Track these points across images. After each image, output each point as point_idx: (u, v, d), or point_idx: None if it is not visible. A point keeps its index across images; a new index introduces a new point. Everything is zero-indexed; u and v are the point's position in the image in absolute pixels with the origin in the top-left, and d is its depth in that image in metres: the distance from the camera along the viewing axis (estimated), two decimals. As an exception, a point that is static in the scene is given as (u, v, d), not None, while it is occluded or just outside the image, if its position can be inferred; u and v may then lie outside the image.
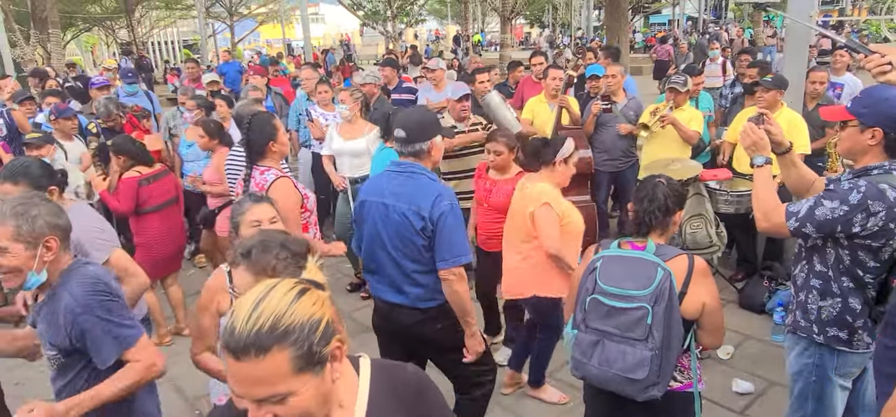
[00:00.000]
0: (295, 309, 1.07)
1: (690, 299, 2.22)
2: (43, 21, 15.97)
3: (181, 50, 33.80)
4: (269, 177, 3.15)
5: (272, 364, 1.03)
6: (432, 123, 2.75)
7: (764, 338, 4.37)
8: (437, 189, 2.63)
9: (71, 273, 2.05)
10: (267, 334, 1.03)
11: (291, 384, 1.06)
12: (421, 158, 2.68)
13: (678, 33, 26.63)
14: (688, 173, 4.59)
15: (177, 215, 4.60)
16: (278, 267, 1.68)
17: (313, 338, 1.08)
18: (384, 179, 2.75)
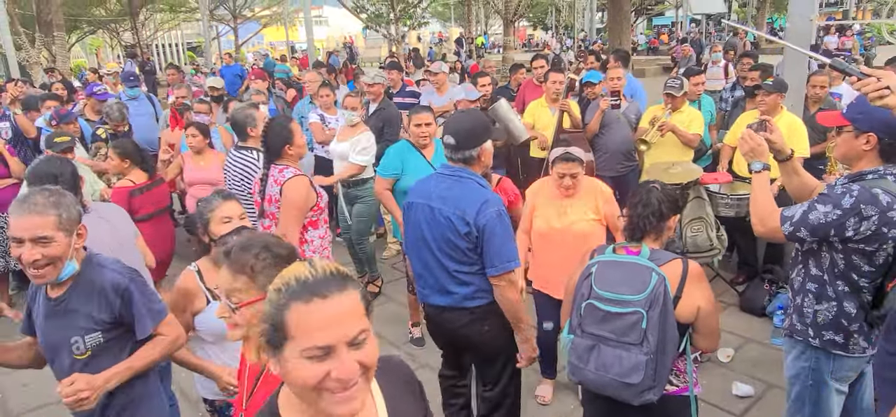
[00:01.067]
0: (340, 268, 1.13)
1: (685, 303, 2.24)
2: (48, 24, 16.08)
3: (185, 52, 33.92)
4: (287, 173, 3.29)
5: (352, 298, 1.07)
6: (483, 129, 2.71)
7: (764, 341, 4.38)
8: (484, 195, 2.61)
9: (92, 260, 2.19)
10: (338, 273, 1.09)
11: (365, 322, 1.08)
12: (471, 164, 2.68)
13: (681, 33, 26.63)
14: (688, 177, 4.61)
15: (167, 223, 4.61)
16: (257, 266, 1.66)
17: (364, 291, 1.12)
18: (432, 182, 2.77)
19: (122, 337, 2.24)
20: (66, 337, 2.15)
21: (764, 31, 24.55)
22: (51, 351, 2.24)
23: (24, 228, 1.99)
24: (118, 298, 2.16)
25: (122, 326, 2.21)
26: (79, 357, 2.17)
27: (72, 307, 2.15)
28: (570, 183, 3.27)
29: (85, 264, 2.17)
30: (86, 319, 2.15)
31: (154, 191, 4.43)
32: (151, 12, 27.78)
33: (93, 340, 2.16)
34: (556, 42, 25.31)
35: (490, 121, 2.92)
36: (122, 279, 2.18)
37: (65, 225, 2.04)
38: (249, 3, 30.18)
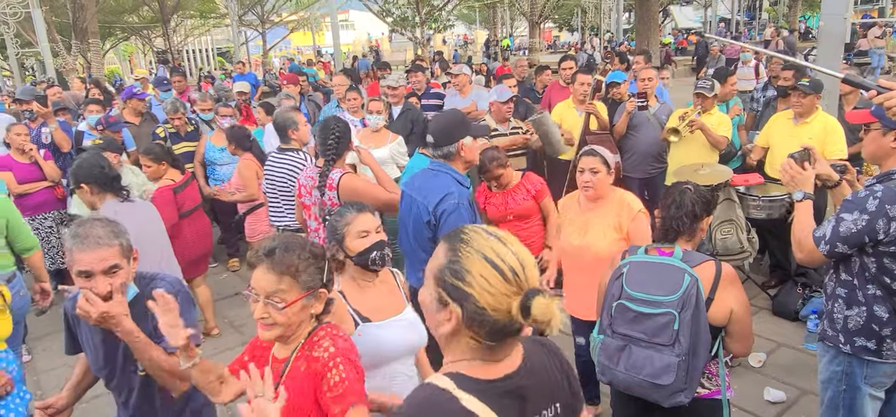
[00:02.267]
0: (473, 255, 1.24)
1: (718, 305, 2.22)
2: (83, 31, 16.55)
3: (215, 57, 34.54)
4: (335, 175, 3.38)
5: (440, 251, 1.28)
6: (458, 126, 2.91)
7: (797, 346, 4.30)
8: (448, 187, 2.82)
9: (145, 279, 2.23)
10: (456, 234, 1.28)
11: (429, 280, 1.30)
12: (451, 160, 2.91)
13: (710, 34, 26.19)
14: (717, 178, 4.54)
15: (204, 219, 4.76)
16: (300, 266, 1.72)
17: (448, 275, 1.25)
18: (419, 175, 3.03)
19: None
20: (132, 358, 2.18)
21: (797, 30, 24.03)
22: (112, 370, 2.26)
23: (94, 262, 2.00)
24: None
25: None
26: (144, 374, 2.21)
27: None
28: (589, 179, 3.04)
29: (138, 283, 2.20)
30: (149, 336, 2.17)
31: (190, 187, 4.60)
32: (182, 18, 28.36)
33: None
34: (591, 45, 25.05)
35: (466, 119, 3.03)
36: (173, 288, 2.20)
37: (126, 252, 2.08)
38: (277, 8, 30.58)
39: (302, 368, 1.79)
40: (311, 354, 1.77)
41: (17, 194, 5.28)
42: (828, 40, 5.25)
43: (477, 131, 3.03)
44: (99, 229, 2.04)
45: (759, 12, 36.47)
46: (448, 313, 1.23)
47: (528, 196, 3.86)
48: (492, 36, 28.41)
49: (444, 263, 1.24)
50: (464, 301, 1.21)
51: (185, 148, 6.07)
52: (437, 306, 1.25)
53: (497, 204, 3.92)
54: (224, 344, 4.81)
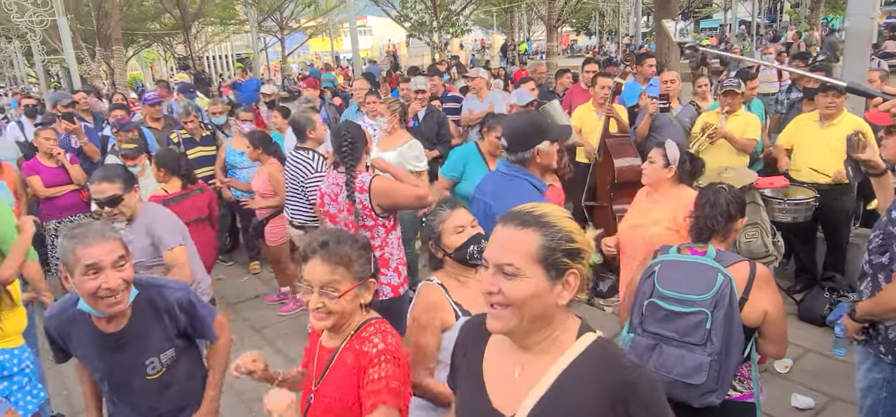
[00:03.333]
0: (563, 219, 1.33)
1: (751, 306, 2.19)
2: (107, 38, 16.83)
3: (235, 63, 34.91)
4: (365, 179, 3.34)
5: (524, 238, 1.29)
6: (536, 131, 2.72)
7: (824, 352, 4.22)
8: (528, 195, 2.63)
9: (147, 286, 2.24)
10: (535, 216, 1.31)
11: (527, 265, 1.27)
12: (526, 165, 2.73)
13: (730, 38, 25.93)
14: (742, 181, 4.47)
15: (206, 232, 4.61)
16: (353, 256, 1.79)
17: (562, 244, 1.29)
18: (493, 179, 2.90)
19: (186, 346, 2.34)
20: (139, 362, 2.20)
21: (818, 32, 23.70)
22: (116, 378, 2.25)
23: (103, 253, 1.98)
24: (184, 313, 2.25)
25: (185, 336, 2.32)
26: (154, 376, 2.23)
27: (139, 332, 2.18)
28: (646, 167, 3.26)
29: (141, 289, 2.19)
30: (159, 339, 2.21)
31: (193, 199, 4.47)
32: (203, 25, 28.71)
33: (167, 357, 2.25)
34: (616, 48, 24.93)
35: (545, 123, 2.87)
36: (183, 294, 2.27)
37: (126, 248, 2.10)
38: (296, 14, 30.84)
39: (349, 360, 1.82)
40: (361, 349, 1.80)
41: (45, 197, 5.38)
42: (854, 41, 5.16)
43: (557, 134, 2.86)
44: (97, 224, 2.06)
45: (780, 15, 36.01)
46: (567, 280, 1.29)
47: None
48: (509, 40, 28.35)
49: (546, 238, 1.28)
50: (579, 258, 1.30)
51: (201, 152, 6.12)
52: (550, 283, 1.28)
53: None
54: (244, 347, 4.80)
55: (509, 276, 1.27)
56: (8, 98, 18.55)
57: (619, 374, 1.29)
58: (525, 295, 1.27)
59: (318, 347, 1.92)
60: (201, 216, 4.57)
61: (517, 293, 1.27)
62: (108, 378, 2.25)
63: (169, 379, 2.27)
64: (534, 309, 1.29)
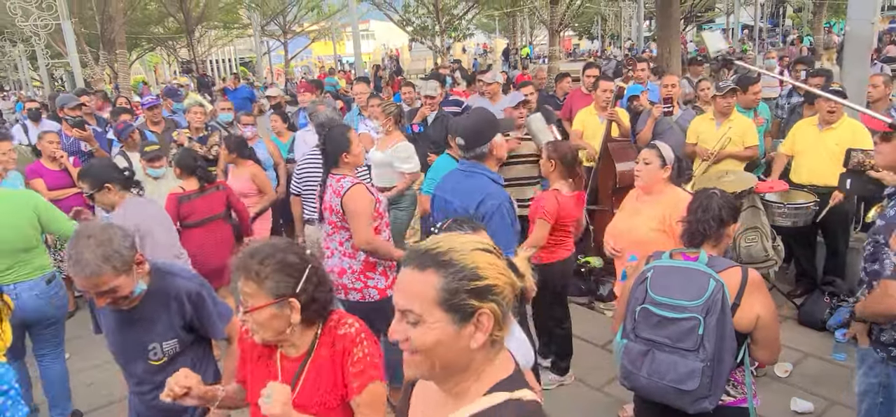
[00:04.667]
0: (470, 254, 1.17)
1: (744, 311, 2.19)
2: (111, 43, 16.87)
3: (238, 67, 35.05)
4: (345, 183, 3.33)
5: (423, 282, 1.15)
6: (489, 126, 2.85)
7: (824, 356, 4.21)
8: (486, 188, 2.77)
9: (160, 269, 2.30)
10: (433, 256, 1.16)
11: (428, 311, 1.14)
12: (483, 160, 2.86)
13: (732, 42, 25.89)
14: (742, 185, 4.48)
15: (222, 230, 4.67)
16: (262, 272, 1.71)
17: (465, 285, 1.14)
18: (451, 176, 2.99)
19: (194, 344, 2.36)
20: (143, 344, 2.25)
21: (821, 37, 23.69)
22: (124, 358, 2.34)
23: (88, 287, 2.08)
24: (191, 305, 2.27)
25: (193, 332, 2.33)
26: (155, 362, 2.27)
27: (147, 315, 2.24)
28: (640, 168, 3.25)
29: (154, 275, 2.27)
30: (163, 326, 2.25)
31: (209, 197, 4.58)
32: (206, 29, 28.83)
33: (170, 347, 2.28)
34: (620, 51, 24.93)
35: (494, 117, 2.99)
36: (193, 285, 2.30)
37: (121, 269, 2.09)
38: (298, 19, 30.95)
39: (324, 354, 1.81)
40: (337, 333, 1.79)
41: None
42: (855, 45, 5.16)
43: (505, 127, 3.00)
44: (87, 253, 2.03)
45: (783, 19, 36.00)
46: (477, 321, 1.16)
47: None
48: (511, 44, 28.38)
49: (445, 280, 1.14)
50: (490, 295, 1.16)
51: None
52: (457, 327, 1.15)
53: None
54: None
55: (413, 324, 1.16)
56: (11, 101, 18.65)
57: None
58: (430, 342, 1.15)
59: (281, 357, 1.86)
60: (217, 214, 4.64)
61: (422, 341, 1.15)
62: (118, 356, 2.36)
63: (172, 372, 2.25)
64: (444, 356, 1.17)
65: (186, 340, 2.32)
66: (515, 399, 1.20)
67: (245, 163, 5.37)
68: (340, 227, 3.41)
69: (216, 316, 2.33)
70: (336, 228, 3.45)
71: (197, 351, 2.40)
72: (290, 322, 1.74)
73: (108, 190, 3.42)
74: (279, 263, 1.72)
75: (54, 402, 3.84)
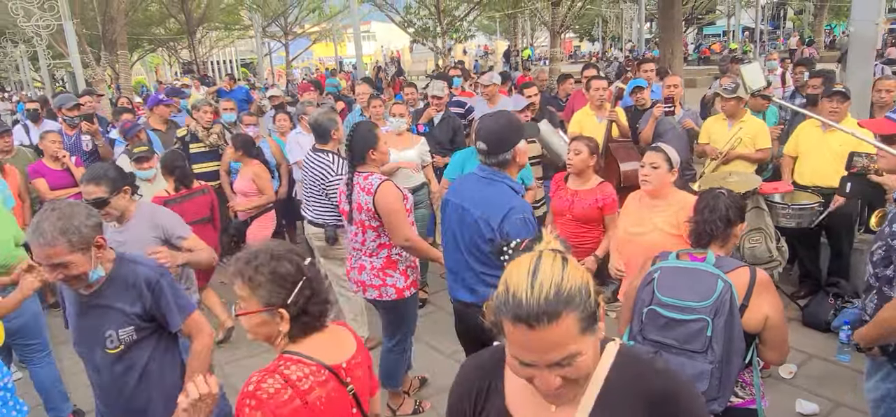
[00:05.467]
0: (568, 274, 1.13)
1: (752, 312, 2.17)
2: (112, 43, 16.86)
3: (239, 68, 35.07)
4: (373, 181, 3.30)
5: (564, 327, 1.09)
6: (514, 131, 2.69)
7: (829, 357, 4.19)
8: (511, 201, 2.61)
9: (124, 257, 2.30)
10: (555, 301, 1.09)
11: (580, 344, 1.12)
12: (505, 167, 2.69)
13: (732, 45, 25.91)
14: (747, 186, 4.47)
15: (208, 232, 4.62)
16: (255, 279, 1.68)
17: (590, 300, 1.14)
18: (468, 182, 2.81)
19: (152, 334, 2.34)
20: (101, 332, 2.25)
21: (822, 38, 23.68)
22: (84, 346, 2.34)
23: (41, 257, 2.09)
24: (149, 292, 2.26)
25: (153, 321, 2.31)
26: (111, 351, 2.27)
27: (105, 302, 2.24)
28: (648, 172, 3.18)
29: (117, 263, 2.28)
30: (119, 313, 2.25)
31: (194, 200, 4.59)
32: (207, 30, 28.85)
33: (126, 335, 2.27)
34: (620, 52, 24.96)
35: (520, 121, 2.84)
36: (152, 273, 2.29)
37: (77, 246, 2.10)
38: (300, 20, 30.97)
39: None
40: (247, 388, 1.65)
41: (50, 200, 5.40)
42: (858, 46, 5.16)
43: (528, 132, 2.84)
44: (46, 224, 2.07)
45: (784, 21, 36.01)
46: (599, 315, 1.19)
47: (595, 205, 3.86)
48: (512, 46, 28.39)
49: (579, 311, 1.11)
50: (593, 289, 1.18)
51: (201, 147, 6.13)
52: (592, 336, 1.16)
53: (563, 198, 3.95)
54: (239, 352, 4.78)
55: (567, 364, 1.13)
56: (12, 102, 18.64)
57: (659, 384, 1.23)
58: (587, 366, 1.16)
59: None
60: (202, 217, 4.64)
61: (585, 368, 1.16)
62: (78, 344, 2.35)
63: (130, 362, 2.29)
64: (595, 361, 1.21)
65: (145, 329, 2.30)
66: (618, 342, 1.29)
67: (250, 163, 5.37)
68: (368, 226, 3.39)
69: (174, 306, 2.32)
70: (364, 227, 3.41)
71: (159, 343, 2.37)
72: (279, 331, 1.72)
73: (124, 193, 3.26)
74: (273, 272, 1.69)
75: (50, 405, 3.83)
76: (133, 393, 2.33)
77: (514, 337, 1.11)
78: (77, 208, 2.16)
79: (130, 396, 2.33)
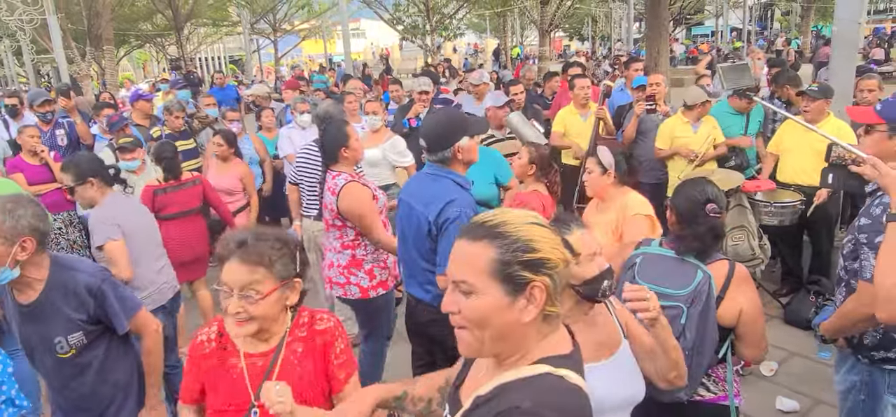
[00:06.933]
0: (524, 227, 1.18)
1: (728, 304, 2.17)
2: (98, 38, 16.71)
3: (227, 65, 34.86)
4: (339, 181, 3.26)
5: (476, 252, 1.17)
6: (454, 129, 2.67)
7: (809, 355, 4.22)
8: (449, 194, 2.59)
9: (60, 262, 2.27)
10: (487, 227, 1.18)
11: (481, 281, 1.16)
12: (448, 163, 2.68)
13: (720, 45, 26.09)
14: (729, 184, 4.49)
15: (197, 224, 4.66)
16: (273, 256, 1.69)
17: (518, 256, 1.15)
18: (417, 179, 2.85)
19: (102, 334, 2.33)
20: (48, 338, 2.23)
21: (809, 39, 23.90)
22: (30, 352, 2.33)
23: None
24: (92, 298, 2.24)
25: (100, 323, 2.31)
26: (63, 355, 2.25)
27: (48, 310, 2.21)
28: (585, 178, 3.22)
29: (54, 269, 2.23)
30: (66, 320, 2.22)
31: (185, 191, 4.56)
32: (195, 27, 28.63)
33: (75, 339, 2.25)
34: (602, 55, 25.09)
35: (463, 120, 2.79)
36: (93, 280, 2.26)
37: (4, 232, 2.06)
38: (289, 17, 30.82)
39: (299, 350, 1.78)
40: (315, 328, 1.79)
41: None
42: (842, 45, 5.19)
43: (475, 129, 2.77)
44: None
45: (771, 22, 36.30)
46: (530, 294, 1.16)
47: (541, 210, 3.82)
48: (502, 45, 28.42)
49: (499, 251, 1.15)
50: (543, 268, 1.16)
51: (181, 147, 6.02)
52: (509, 298, 1.16)
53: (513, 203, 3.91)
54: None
55: (466, 294, 1.17)
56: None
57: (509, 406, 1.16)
58: (481, 313, 1.16)
59: (244, 356, 1.79)
60: (192, 208, 4.62)
61: (473, 311, 1.17)
62: (27, 350, 2.35)
63: (84, 363, 2.28)
64: (494, 328, 1.17)
65: (94, 331, 2.30)
66: (557, 375, 1.19)
67: (236, 160, 5.33)
68: (333, 225, 3.37)
69: (119, 309, 2.31)
70: (329, 225, 3.41)
71: (110, 343, 2.37)
72: (286, 303, 1.76)
73: (90, 184, 3.31)
74: (283, 244, 1.73)
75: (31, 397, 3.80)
76: (91, 391, 2.32)
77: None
78: (31, 204, 2.15)
79: (88, 394, 2.32)
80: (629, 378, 1.77)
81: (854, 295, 2.19)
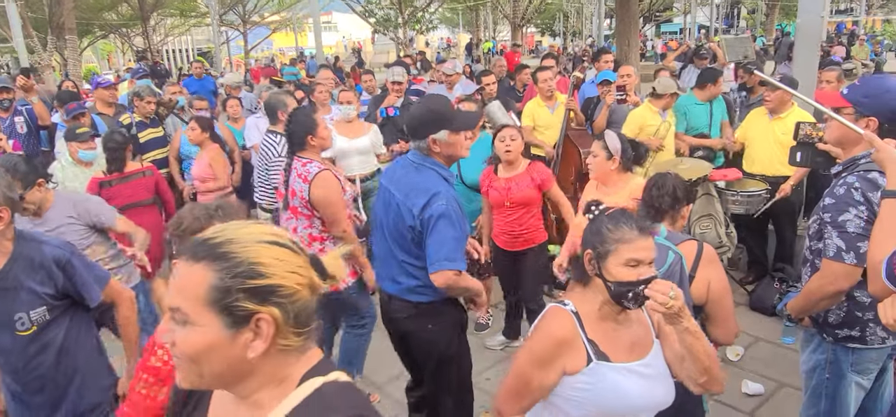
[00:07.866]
0: (253, 247, 1.01)
1: (698, 283, 2.22)
2: (60, 28, 16.22)
3: (195, 57, 34.24)
4: (311, 168, 3.19)
5: (194, 276, 0.99)
6: (433, 121, 2.52)
7: (774, 340, 4.32)
8: (435, 187, 2.48)
9: (25, 236, 2.21)
10: (208, 246, 1.01)
11: (196, 311, 0.99)
12: (427, 153, 2.58)
13: (690, 42, 26.49)
14: (697, 172, 4.56)
15: (151, 216, 4.52)
16: None
17: (240, 283, 0.99)
18: (397, 167, 2.72)
19: (66, 312, 2.28)
20: (9, 314, 2.16)
21: (773, 36, 24.42)
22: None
23: None
24: (61, 272, 2.20)
25: (66, 298, 2.25)
26: (23, 332, 2.18)
27: (11, 284, 2.16)
28: (590, 161, 3.35)
29: (19, 241, 2.19)
30: (29, 294, 2.17)
31: (133, 183, 4.45)
32: (162, 17, 28.01)
33: (38, 315, 2.19)
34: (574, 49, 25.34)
35: (447, 114, 2.59)
36: (62, 253, 2.22)
37: None
38: (259, 8, 30.35)
39: None
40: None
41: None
42: (805, 40, 5.32)
43: (462, 124, 2.60)
44: None
45: (737, 20, 37.02)
46: (256, 327, 1.00)
47: (532, 184, 3.85)
48: (474, 39, 28.45)
49: (218, 276, 0.98)
50: (272, 297, 1.00)
51: (151, 135, 5.96)
52: (230, 332, 0.99)
53: (499, 189, 3.91)
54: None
55: (181, 324, 0.99)
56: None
57: None
58: (196, 348, 0.98)
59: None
60: (141, 200, 4.48)
61: (187, 345, 0.99)
62: None
63: (45, 341, 2.22)
64: (214, 364, 1.00)
65: (58, 307, 2.24)
66: (331, 380, 1.07)
67: (210, 146, 5.21)
68: (301, 213, 3.29)
69: (91, 280, 2.27)
70: (297, 214, 3.31)
71: (73, 319, 2.31)
72: None
73: (39, 187, 3.11)
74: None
75: None
76: (52, 372, 2.25)
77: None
78: (1, 177, 2.12)
79: (49, 375, 2.25)
80: (659, 381, 1.75)
81: (817, 273, 2.24)
